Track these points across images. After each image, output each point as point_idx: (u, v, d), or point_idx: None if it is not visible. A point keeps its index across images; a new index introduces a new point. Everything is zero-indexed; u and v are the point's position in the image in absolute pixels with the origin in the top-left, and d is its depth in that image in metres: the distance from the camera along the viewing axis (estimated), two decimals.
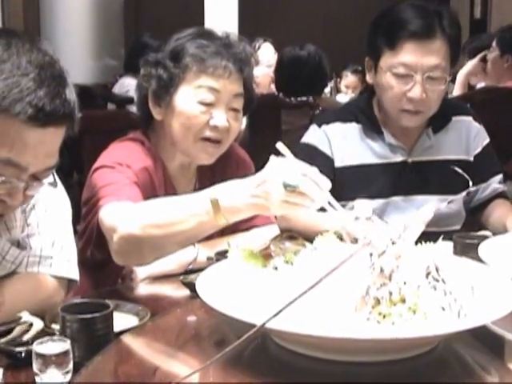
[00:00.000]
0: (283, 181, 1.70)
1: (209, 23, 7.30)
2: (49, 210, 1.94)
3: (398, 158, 2.74)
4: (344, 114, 2.81)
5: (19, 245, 1.90)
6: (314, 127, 2.81)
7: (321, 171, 2.39)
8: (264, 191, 1.78)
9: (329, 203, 1.69)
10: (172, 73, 2.30)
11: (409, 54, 2.56)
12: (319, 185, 1.70)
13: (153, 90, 2.35)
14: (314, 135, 2.78)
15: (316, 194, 1.70)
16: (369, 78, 2.74)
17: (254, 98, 2.47)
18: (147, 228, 1.94)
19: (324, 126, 2.77)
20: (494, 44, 5.06)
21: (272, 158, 1.80)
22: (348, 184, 2.62)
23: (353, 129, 2.77)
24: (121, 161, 2.26)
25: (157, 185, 2.34)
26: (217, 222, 1.86)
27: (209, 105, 2.29)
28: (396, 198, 2.73)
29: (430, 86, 2.59)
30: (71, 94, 1.69)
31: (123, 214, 2.03)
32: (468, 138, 2.85)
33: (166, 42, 2.39)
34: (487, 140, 2.89)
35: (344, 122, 2.77)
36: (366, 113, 2.77)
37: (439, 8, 2.66)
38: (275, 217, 2.54)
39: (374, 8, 9.77)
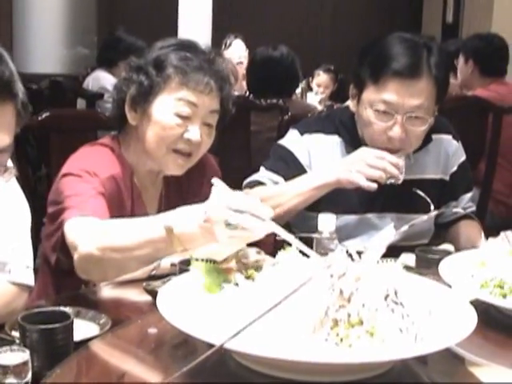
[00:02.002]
0: (225, 221, 1.66)
1: (183, 17, 7.27)
2: (6, 215, 1.92)
3: None
4: (327, 125, 2.77)
5: None
6: (295, 133, 2.77)
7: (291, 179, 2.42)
8: (210, 228, 1.72)
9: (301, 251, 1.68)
10: (153, 81, 2.30)
11: (391, 93, 2.51)
12: (261, 216, 1.66)
13: (131, 95, 2.34)
14: (294, 141, 2.75)
15: (257, 229, 1.67)
16: (352, 106, 2.69)
17: (229, 115, 2.46)
18: (106, 251, 1.92)
19: (306, 136, 2.74)
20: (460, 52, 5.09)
21: (214, 189, 1.75)
22: (324, 197, 2.58)
23: (334, 142, 2.73)
24: (88, 168, 2.24)
25: (124, 193, 2.34)
26: (174, 249, 1.82)
27: (185, 118, 2.29)
28: (370, 215, 2.73)
29: (410, 127, 2.55)
30: (6, 70, 1.61)
31: (84, 234, 2.01)
32: (446, 157, 2.84)
33: (150, 48, 2.38)
34: (463, 158, 2.89)
35: (326, 134, 2.74)
36: (348, 128, 2.73)
37: (429, 43, 2.60)
38: None
39: (347, 8, 9.79)
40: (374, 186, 2.46)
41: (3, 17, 7.90)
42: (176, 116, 2.29)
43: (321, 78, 7.52)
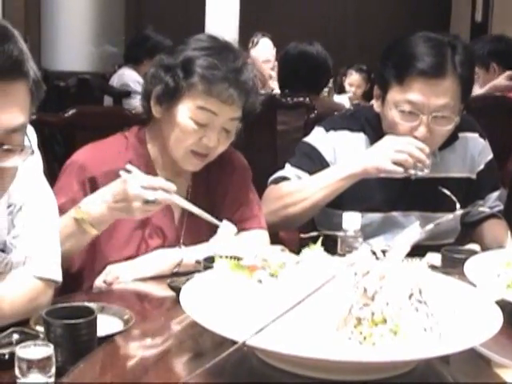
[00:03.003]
0: (143, 198, 2.11)
1: (210, 16, 7.29)
2: (35, 212, 1.93)
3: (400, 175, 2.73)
4: (352, 122, 2.78)
5: (5, 247, 1.89)
6: (320, 130, 2.78)
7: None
8: (124, 207, 2.13)
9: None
10: (178, 84, 2.31)
11: (416, 93, 2.50)
12: (169, 190, 2.15)
13: (157, 93, 2.37)
14: (319, 138, 2.76)
15: (170, 201, 2.19)
16: (376, 107, 2.68)
17: (251, 119, 2.46)
18: None
19: (332, 132, 2.75)
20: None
21: (122, 173, 2.16)
22: (349, 195, 2.59)
23: (360, 139, 2.74)
24: (89, 167, 2.33)
25: None
26: (89, 234, 2.18)
27: (204, 125, 2.31)
28: (395, 213, 2.73)
29: (436, 126, 2.54)
30: (15, 49, 1.59)
31: None
32: (472, 155, 2.83)
33: (182, 46, 2.38)
34: (490, 156, 2.88)
35: (352, 131, 2.75)
36: (374, 126, 2.73)
37: (454, 41, 2.58)
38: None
39: (373, 7, 9.75)
40: (400, 169, 2.45)
41: (32, 15, 7.95)
42: (195, 122, 2.30)
43: (353, 78, 7.52)
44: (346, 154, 2.70)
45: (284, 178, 2.71)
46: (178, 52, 2.37)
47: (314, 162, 2.70)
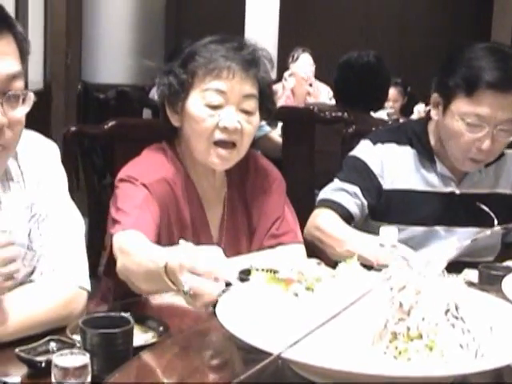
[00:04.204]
0: (182, 290, 1.73)
1: (249, 30, 7.32)
2: (60, 223, 1.97)
3: (447, 189, 2.72)
4: (399, 135, 2.78)
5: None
6: (367, 143, 2.79)
7: (368, 190, 2.59)
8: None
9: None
10: (181, 79, 2.32)
11: (486, 107, 2.49)
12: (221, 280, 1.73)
13: (167, 98, 2.37)
14: (366, 151, 2.77)
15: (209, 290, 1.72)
16: (434, 115, 2.68)
17: (273, 101, 2.46)
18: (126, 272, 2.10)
19: (379, 145, 2.75)
20: None
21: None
22: (394, 207, 2.62)
23: (407, 153, 2.75)
24: (138, 174, 2.32)
25: (178, 194, 2.37)
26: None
27: (217, 107, 2.29)
28: (438, 228, 2.73)
29: (499, 138, 2.54)
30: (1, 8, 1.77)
31: (120, 255, 2.13)
32: None
33: (185, 48, 2.40)
34: None
35: (399, 145, 2.76)
36: (421, 139, 2.74)
37: None
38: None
39: (412, 21, 9.68)
40: None
41: (73, 28, 8.04)
42: (207, 107, 2.30)
43: (389, 92, 7.47)
44: (393, 167, 2.72)
45: (334, 203, 2.70)
46: (179, 54, 2.40)
47: (363, 176, 2.72)
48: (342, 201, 2.68)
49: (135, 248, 2.09)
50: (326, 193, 2.75)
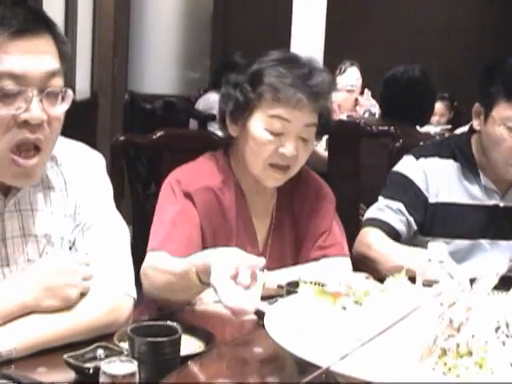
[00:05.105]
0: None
1: (295, 42, 7.33)
2: (106, 230, 1.99)
3: (491, 202, 2.72)
4: (443, 149, 2.79)
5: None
6: (410, 158, 2.79)
7: (413, 205, 2.44)
8: None
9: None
10: (248, 97, 2.34)
11: None
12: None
13: (230, 111, 2.40)
14: (410, 167, 2.77)
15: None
16: (476, 125, 2.69)
17: (330, 125, 2.48)
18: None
19: (422, 160, 2.75)
20: None
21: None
22: (438, 220, 2.61)
23: (450, 166, 2.75)
24: (184, 180, 2.36)
25: (226, 202, 2.39)
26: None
27: (278, 134, 2.31)
28: (483, 241, 2.72)
29: None
30: (38, 7, 1.83)
31: (146, 277, 2.22)
32: None
33: (251, 62, 2.42)
34: None
35: (442, 158, 2.76)
36: (465, 153, 2.74)
37: None
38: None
39: (460, 35, 9.57)
40: None
41: (120, 38, 8.10)
42: (270, 132, 2.31)
43: (436, 107, 7.43)
44: (438, 181, 2.72)
45: (380, 222, 2.71)
46: (246, 68, 2.40)
47: (407, 191, 2.72)
48: (387, 219, 2.69)
49: (160, 267, 2.18)
50: (371, 212, 2.77)
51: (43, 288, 1.77)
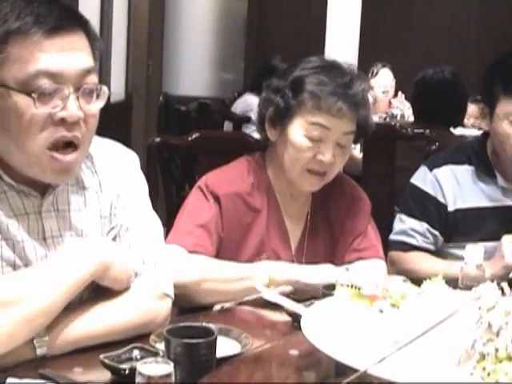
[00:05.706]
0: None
1: (329, 45, 7.31)
2: (143, 230, 1.98)
3: (510, 202, 2.72)
4: (456, 156, 2.80)
5: None
6: (424, 170, 2.80)
7: (436, 220, 2.42)
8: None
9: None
10: (289, 104, 2.35)
11: None
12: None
13: (269, 115, 2.42)
14: (424, 179, 2.78)
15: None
16: (484, 126, 2.73)
17: (368, 133, 2.49)
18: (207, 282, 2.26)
19: (435, 170, 2.77)
20: None
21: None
22: (460, 227, 2.61)
23: (465, 171, 2.75)
24: (215, 184, 2.39)
25: (257, 205, 2.42)
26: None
27: (317, 140, 2.33)
28: None
29: None
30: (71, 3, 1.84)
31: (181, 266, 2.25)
32: None
33: (292, 68, 2.43)
34: None
35: (456, 165, 2.77)
36: (479, 155, 2.75)
37: None
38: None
39: (494, 39, 9.52)
40: None
41: (155, 40, 8.13)
42: (309, 139, 2.33)
43: (470, 109, 7.38)
44: (453, 188, 2.73)
45: (412, 247, 2.75)
46: (287, 74, 2.42)
47: (427, 206, 2.76)
48: (418, 243, 2.75)
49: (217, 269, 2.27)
50: (399, 235, 2.80)
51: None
